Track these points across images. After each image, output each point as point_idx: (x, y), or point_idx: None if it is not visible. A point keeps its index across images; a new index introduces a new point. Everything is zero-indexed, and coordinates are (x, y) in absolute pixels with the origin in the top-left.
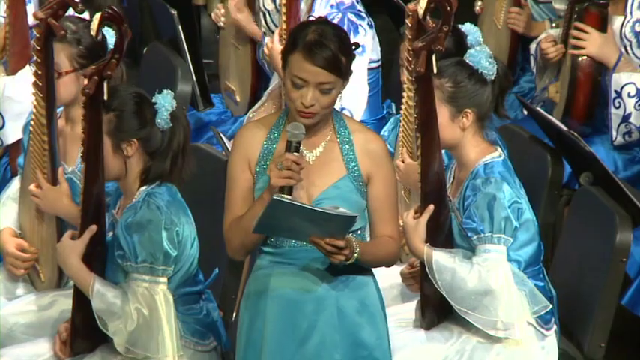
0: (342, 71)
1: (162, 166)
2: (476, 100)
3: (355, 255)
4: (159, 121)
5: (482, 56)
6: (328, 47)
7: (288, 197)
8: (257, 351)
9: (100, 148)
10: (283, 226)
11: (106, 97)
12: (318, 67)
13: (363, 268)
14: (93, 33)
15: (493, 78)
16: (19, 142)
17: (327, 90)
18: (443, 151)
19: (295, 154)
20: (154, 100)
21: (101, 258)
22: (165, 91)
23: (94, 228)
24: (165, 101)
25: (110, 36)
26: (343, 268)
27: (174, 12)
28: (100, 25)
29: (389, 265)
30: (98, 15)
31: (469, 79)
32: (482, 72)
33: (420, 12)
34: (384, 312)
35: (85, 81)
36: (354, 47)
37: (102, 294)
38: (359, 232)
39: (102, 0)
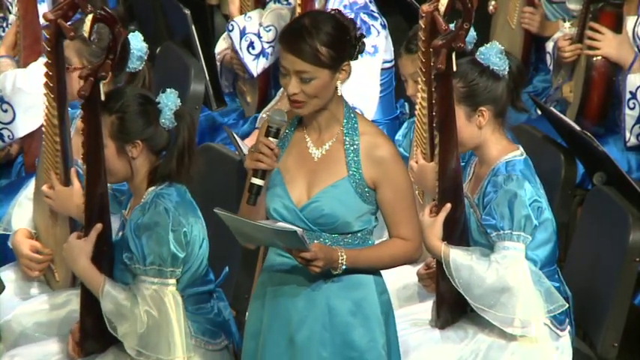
0: (320, 61)
1: (168, 165)
2: (490, 97)
3: (342, 265)
4: (163, 120)
5: (492, 53)
6: (304, 36)
7: (227, 211)
8: (257, 343)
9: (101, 149)
10: (254, 237)
11: (103, 98)
12: (293, 56)
13: (359, 270)
14: (85, 34)
15: (506, 73)
16: (32, 140)
17: (307, 79)
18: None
19: (272, 139)
20: (157, 99)
21: (108, 258)
22: (168, 90)
23: (99, 226)
24: (168, 100)
25: (136, 41)
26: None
27: (187, 11)
28: (93, 26)
29: (406, 264)
30: (90, 16)
31: (480, 77)
32: (493, 68)
33: (442, 9)
34: (385, 315)
35: (81, 82)
36: (358, 39)
37: (112, 296)
38: (359, 234)
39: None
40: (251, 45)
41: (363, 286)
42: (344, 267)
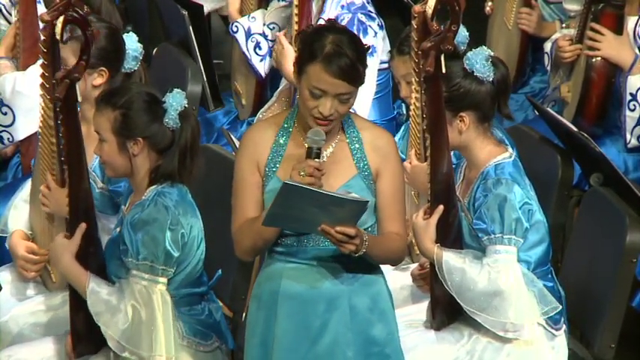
0: (360, 80)
1: (170, 165)
2: (472, 102)
3: (364, 248)
4: (167, 120)
5: (477, 59)
6: (348, 58)
7: (299, 182)
8: (268, 350)
9: (82, 150)
10: (294, 216)
11: (79, 100)
12: (338, 80)
13: (372, 265)
14: (57, 37)
15: (490, 80)
16: (29, 142)
17: (346, 100)
18: (453, 152)
19: (316, 160)
20: (164, 99)
21: (95, 259)
22: (175, 90)
23: (83, 226)
24: (174, 101)
25: (131, 41)
26: (353, 265)
27: (184, 12)
28: (64, 27)
29: (395, 262)
30: (61, 17)
31: (464, 81)
32: (477, 75)
33: (429, 12)
34: (393, 307)
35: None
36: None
37: (97, 292)
38: (369, 229)
39: (98, 2)
40: (257, 46)
41: (376, 282)
42: (364, 250)
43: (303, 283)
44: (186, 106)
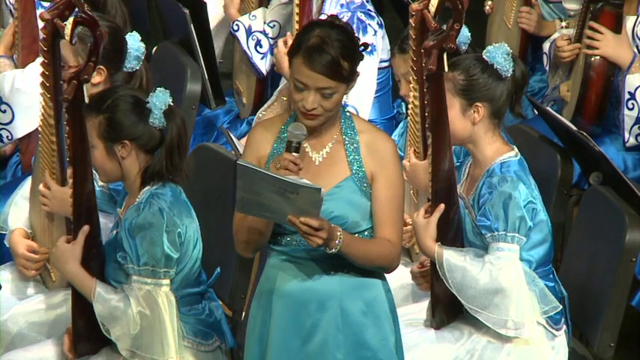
0: (343, 76)
1: (158, 164)
2: (488, 94)
3: (338, 245)
4: (152, 120)
5: (498, 53)
6: (328, 53)
7: (251, 163)
8: (264, 348)
9: (87, 151)
10: (260, 203)
11: (87, 100)
12: (316, 73)
13: (369, 269)
14: (67, 38)
15: (509, 75)
16: (29, 140)
17: (329, 95)
18: (454, 151)
19: (294, 154)
20: (147, 99)
21: (97, 259)
22: (158, 89)
23: (86, 229)
24: (157, 100)
25: (133, 41)
26: (348, 268)
27: (186, 10)
28: (74, 29)
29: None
30: (71, 19)
31: (482, 73)
32: (497, 68)
33: (432, 10)
34: (393, 314)
35: (65, 86)
36: (362, 48)
37: (104, 298)
38: (366, 232)
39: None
40: (258, 43)
41: (372, 287)
42: (339, 247)
43: (296, 282)
44: (171, 104)
